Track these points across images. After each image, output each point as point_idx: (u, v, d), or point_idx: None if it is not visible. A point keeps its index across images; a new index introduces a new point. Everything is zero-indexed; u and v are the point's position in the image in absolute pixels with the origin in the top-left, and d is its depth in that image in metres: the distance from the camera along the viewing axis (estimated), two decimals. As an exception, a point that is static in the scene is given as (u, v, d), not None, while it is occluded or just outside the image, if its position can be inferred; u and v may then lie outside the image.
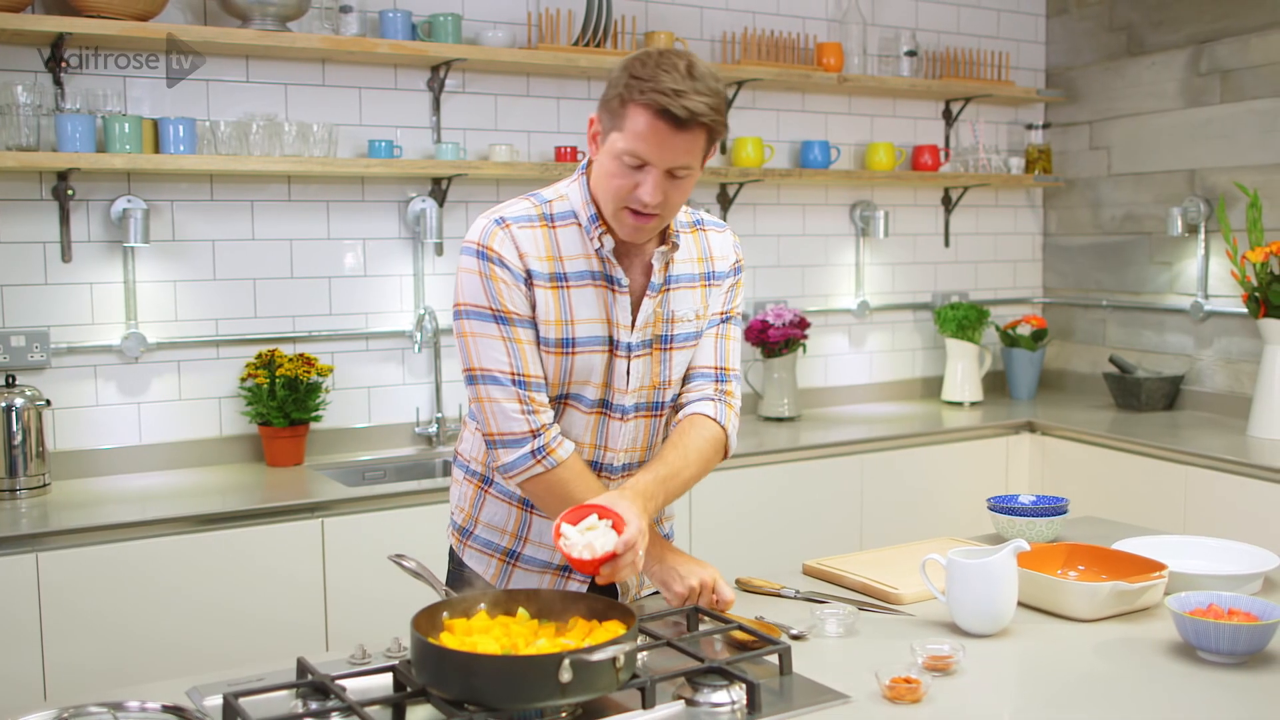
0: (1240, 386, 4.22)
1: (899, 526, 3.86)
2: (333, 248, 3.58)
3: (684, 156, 1.79)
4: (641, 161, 1.79)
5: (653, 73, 1.76)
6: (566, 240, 1.92)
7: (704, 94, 1.76)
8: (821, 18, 4.38)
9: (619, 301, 1.93)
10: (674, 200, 1.85)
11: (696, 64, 1.79)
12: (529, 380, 1.89)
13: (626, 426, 1.98)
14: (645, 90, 1.75)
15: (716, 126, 1.80)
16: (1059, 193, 4.91)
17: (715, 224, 2.09)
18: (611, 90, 1.82)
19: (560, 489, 1.89)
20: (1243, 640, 1.71)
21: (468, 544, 2.10)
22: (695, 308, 2.01)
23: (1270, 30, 4.08)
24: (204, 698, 1.67)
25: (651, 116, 1.75)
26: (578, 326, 1.91)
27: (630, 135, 1.78)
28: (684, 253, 2.00)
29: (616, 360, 1.94)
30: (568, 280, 1.91)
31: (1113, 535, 2.38)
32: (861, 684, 1.66)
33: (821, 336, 4.47)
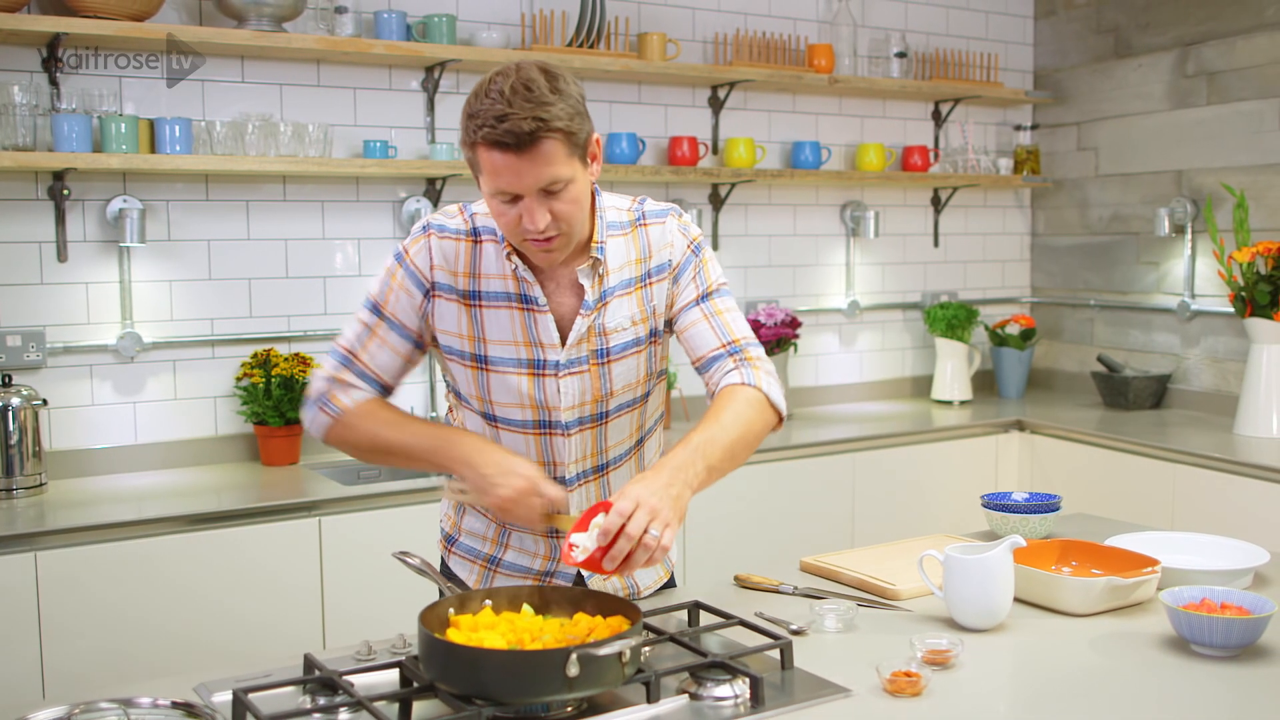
0: (1227, 385, 4.27)
1: (890, 524, 3.89)
2: (328, 247, 3.59)
3: (545, 173, 1.71)
4: (509, 195, 1.74)
5: (482, 105, 1.70)
6: (487, 258, 1.89)
7: (531, 104, 1.67)
8: (812, 19, 4.41)
9: (540, 322, 1.88)
10: (566, 214, 1.77)
11: (532, 76, 1.70)
12: (356, 362, 1.92)
13: (572, 441, 1.94)
14: (478, 129, 1.70)
15: (562, 131, 1.70)
16: (1047, 193, 4.95)
17: (656, 215, 1.97)
18: (462, 137, 1.77)
19: (351, 433, 1.90)
20: (1235, 634, 1.74)
21: (452, 551, 2.11)
22: (633, 313, 1.93)
23: (1256, 33, 4.12)
24: (211, 694, 1.68)
25: (491, 152, 1.70)
26: (490, 346, 1.89)
27: (487, 174, 1.74)
28: (618, 258, 1.92)
29: (545, 380, 1.90)
30: (481, 300, 1.89)
31: (1105, 532, 2.41)
32: (862, 678, 1.69)
33: (812, 336, 4.50)
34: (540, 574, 2.04)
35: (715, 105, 4.20)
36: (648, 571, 2.11)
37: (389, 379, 1.95)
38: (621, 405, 1.97)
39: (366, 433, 1.89)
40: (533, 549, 2.03)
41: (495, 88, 1.70)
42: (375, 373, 1.93)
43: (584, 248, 1.90)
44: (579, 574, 2.03)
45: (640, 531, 1.65)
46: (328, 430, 1.93)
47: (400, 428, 1.88)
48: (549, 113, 1.69)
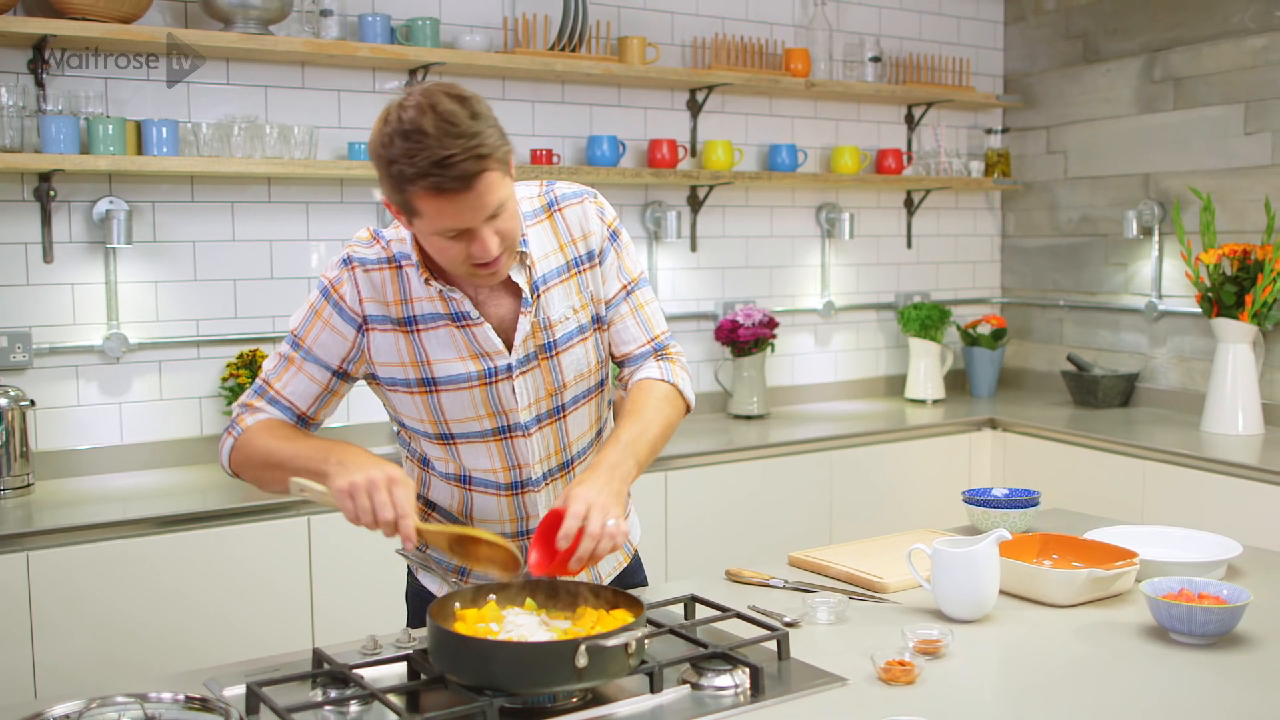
0: (1193, 384, 4.37)
1: (868, 521, 3.96)
2: (312, 249, 3.62)
3: (491, 202, 1.68)
4: (456, 231, 1.70)
5: (410, 149, 1.62)
6: (413, 283, 1.84)
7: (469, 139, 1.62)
8: (789, 24, 4.47)
9: (479, 334, 1.85)
10: (508, 230, 1.74)
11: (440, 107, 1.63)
12: (269, 389, 1.89)
13: (533, 441, 1.93)
14: (414, 178, 1.63)
15: (496, 162, 1.66)
16: (1017, 195, 5.04)
17: (570, 196, 1.94)
18: (383, 181, 1.69)
19: (248, 451, 1.85)
20: (1213, 622, 1.81)
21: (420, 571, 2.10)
22: (571, 303, 1.91)
23: (1221, 40, 4.22)
24: (222, 688, 1.71)
25: (436, 197, 1.65)
26: (436, 366, 1.86)
27: (432, 218, 1.68)
28: (541, 247, 1.90)
29: (499, 385, 1.88)
30: (418, 324, 1.85)
31: (1081, 526, 2.48)
32: (857, 667, 1.75)
33: (788, 336, 4.56)
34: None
35: (694, 108, 4.25)
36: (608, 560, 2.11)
37: (303, 407, 1.90)
38: (577, 397, 1.96)
39: (260, 449, 1.83)
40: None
41: (411, 126, 1.62)
42: (287, 399, 1.89)
43: None
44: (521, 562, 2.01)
45: (599, 529, 1.70)
46: (231, 454, 1.88)
47: (290, 440, 1.82)
48: (485, 145, 1.64)
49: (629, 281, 1.98)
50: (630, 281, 1.98)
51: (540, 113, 3.95)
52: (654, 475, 3.55)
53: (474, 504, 1.98)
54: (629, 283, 1.98)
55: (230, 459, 1.89)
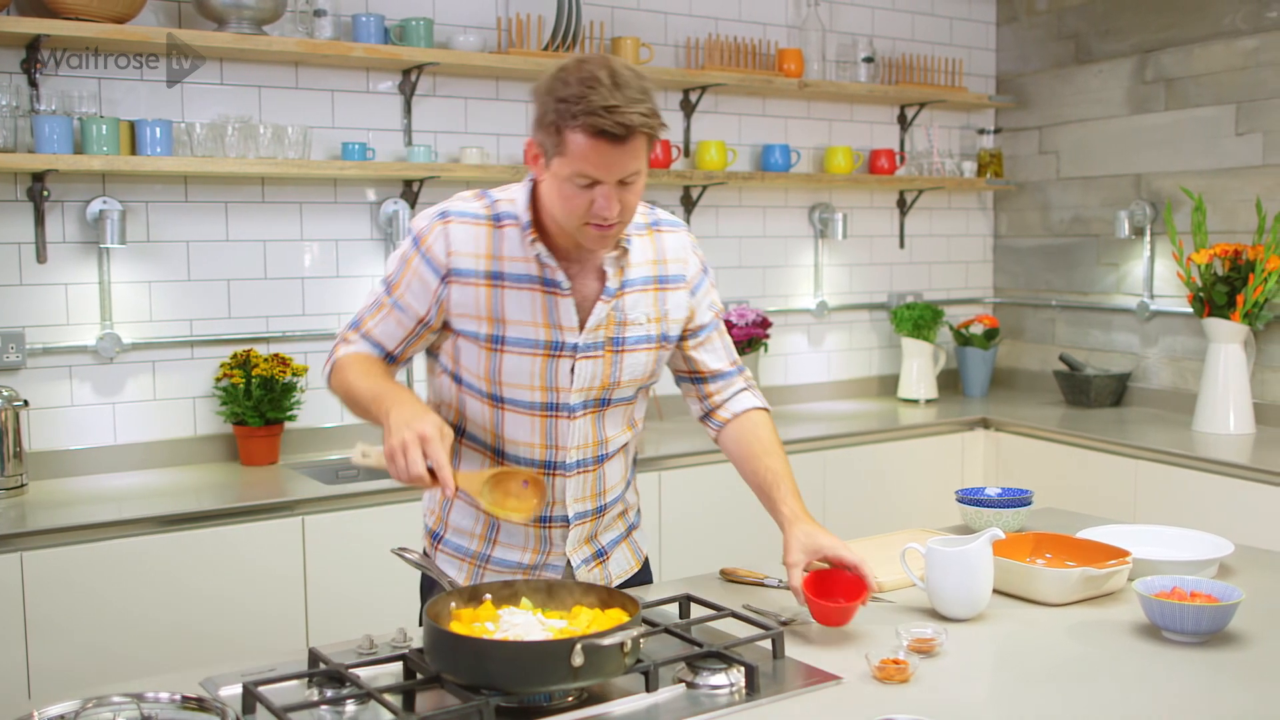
0: (1185, 383, 4.39)
1: (861, 520, 3.96)
2: (306, 249, 3.62)
3: (630, 165, 1.81)
4: (591, 180, 1.80)
5: (582, 93, 1.75)
6: (509, 242, 1.94)
7: (635, 101, 1.76)
8: (782, 24, 4.48)
9: (562, 305, 1.94)
10: (630, 204, 1.87)
11: (618, 70, 1.78)
12: (362, 327, 2.01)
13: (576, 425, 2.00)
14: (578, 114, 1.75)
15: (654, 131, 1.82)
16: (1009, 196, 5.05)
17: (671, 224, 2.09)
18: (544, 116, 1.81)
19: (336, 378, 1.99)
20: (1206, 620, 1.82)
21: (439, 548, 2.13)
22: (648, 311, 2.02)
23: (1213, 40, 4.24)
24: (218, 688, 1.71)
25: (591, 139, 1.76)
26: (509, 326, 1.93)
27: (574, 158, 1.78)
28: (638, 255, 2.01)
29: (561, 361, 1.95)
30: (504, 280, 1.93)
31: (1074, 525, 2.49)
32: (851, 666, 1.75)
33: (782, 336, 4.57)
34: (530, 568, 2.08)
35: (687, 109, 4.26)
36: (620, 561, 2.17)
37: (390, 346, 2.00)
38: (623, 397, 2.05)
39: (343, 380, 1.96)
40: (521, 543, 2.07)
41: (589, 74, 1.76)
42: (377, 339, 2.00)
43: None
44: (568, 565, 2.08)
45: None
46: (330, 378, 2.03)
47: (365, 377, 1.93)
48: (650, 112, 1.79)
49: (718, 310, 2.16)
50: (719, 313, 2.17)
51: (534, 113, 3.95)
52: (648, 475, 3.56)
53: None
54: (719, 311, 2.17)
55: (330, 381, 2.03)
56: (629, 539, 2.20)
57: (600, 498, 2.08)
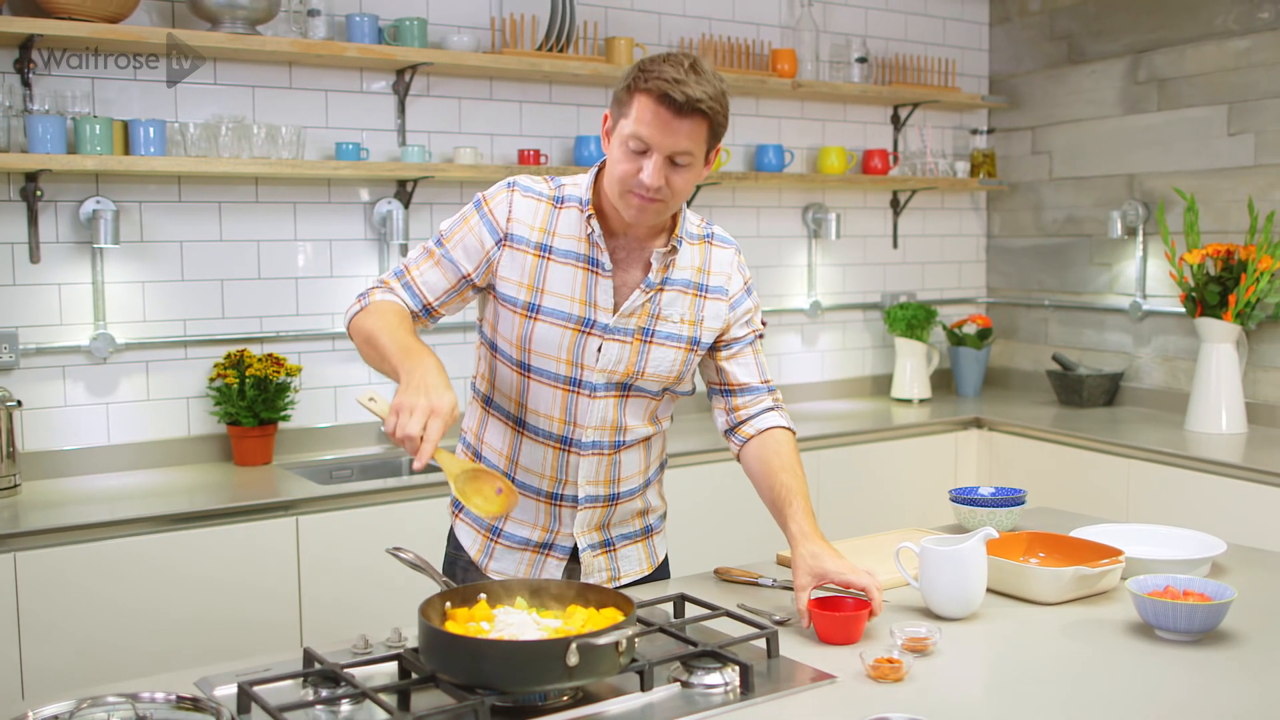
0: (1177, 383, 4.40)
1: (855, 519, 3.97)
2: (299, 249, 3.62)
3: (684, 142, 1.89)
4: (644, 146, 1.89)
5: (658, 66, 1.89)
6: (565, 221, 2.03)
7: (704, 85, 1.87)
8: (775, 25, 4.49)
9: (600, 285, 2.01)
10: (677, 186, 1.93)
11: (700, 62, 1.91)
12: (406, 274, 2.05)
13: (596, 404, 2.05)
14: (649, 79, 1.88)
15: (716, 115, 1.90)
16: (1002, 196, 5.06)
17: (723, 240, 2.17)
18: (621, 84, 1.94)
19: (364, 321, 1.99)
20: (1198, 619, 1.82)
21: (459, 516, 2.20)
22: (684, 313, 2.08)
23: (1204, 41, 4.25)
24: (213, 688, 1.71)
25: (654, 102, 1.87)
26: (546, 296, 2.01)
27: (634, 121, 1.89)
28: (685, 259, 2.08)
29: (589, 339, 2.01)
30: (551, 254, 2.02)
31: (1067, 524, 2.50)
32: (846, 665, 1.76)
33: (775, 336, 4.58)
34: (539, 545, 2.13)
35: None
36: (631, 560, 2.20)
37: (431, 297, 2.04)
38: (646, 389, 2.09)
39: (370, 325, 1.96)
40: (532, 519, 2.12)
41: (674, 58, 1.90)
42: (419, 287, 2.04)
43: (663, 233, 2.07)
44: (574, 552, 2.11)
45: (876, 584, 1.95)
46: (355, 317, 2.02)
47: (391, 330, 1.94)
48: (716, 94, 1.90)
49: (758, 329, 2.21)
50: (758, 329, 2.21)
51: (528, 113, 3.96)
52: (642, 475, 3.55)
53: (522, 450, 2.10)
54: (758, 330, 2.21)
55: (352, 321, 2.03)
56: (646, 541, 2.23)
57: (614, 485, 2.12)
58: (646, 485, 2.19)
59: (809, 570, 1.95)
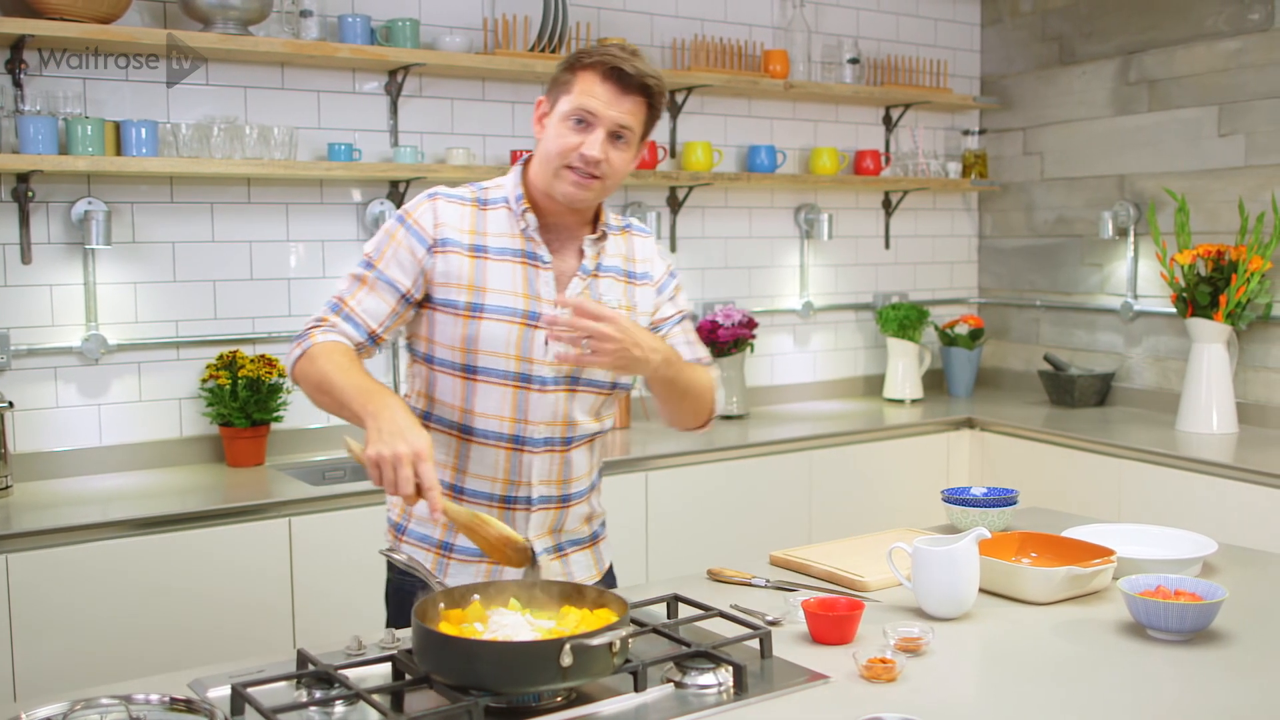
0: (1168, 383, 4.41)
1: (847, 520, 3.98)
2: (292, 249, 3.61)
3: (628, 117, 1.97)
4: (589, 118, 1.96)
5: (600, 47, 2.00)
6: (494, 221, 2.05)
7: (648, 70, 1.98)
8: (767, 25, 4.49)
9: (542, 277, 2.04)
10: (615, 164, 1.99)
11: (640, 51, 2.01)
12: (344, 307, 2.01)
13: (546, 399, 2.04)
14: (594, 55, 1.97)
15: (657, 96, 1.99)
16: (994, 196, 5.07)
17: (641, 229, 2.23)
18: (560, 68, 2.01)
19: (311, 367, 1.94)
20: (1190, 619, 1.83)
21: (403, 539, 2.15)
22: (620, 299, 2.12)
23: (1195, 42, 4.26)
24: (206, 689, 1.71)
25: (602, 75, 1.96)
26: (489, 294, 2.01)
27: (579, 94, 1.96)
28: (613, 248, 2.14)
29: (536, 332, 2.02)
30: (487, 253, 2.03)
31: (1059, 524, 2.50)
32: (839, 665, 1.76)
33: (768, 336, 4.58)
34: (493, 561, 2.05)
35: (673, 109, 4.26)
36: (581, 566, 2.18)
37: (374, 324, 2.01)
38: (594, 381, 2.09)
39: (318, 371, 1.92)
40: None
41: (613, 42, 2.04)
42: (361, 317, 2.01)
43: (588, 224, 2.11)
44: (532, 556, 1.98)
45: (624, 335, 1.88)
46: (296, 363, 1.98)
47: (346, 372, 1.90)
48: (658, 86, 2.00)
49: (683, 311, 2.23)
50: (683, 311, 2.23)
51: (520, 113, 3.96)
52: (634, 475, 3.56)
53: (470, 457, 2.07)
54: (682, 311, 2.23)
55: (294, 368, 2.00)
56: (593, 547, 2.22)
57: (565, 485, 2.11)
58: (592, 488, 2.19)
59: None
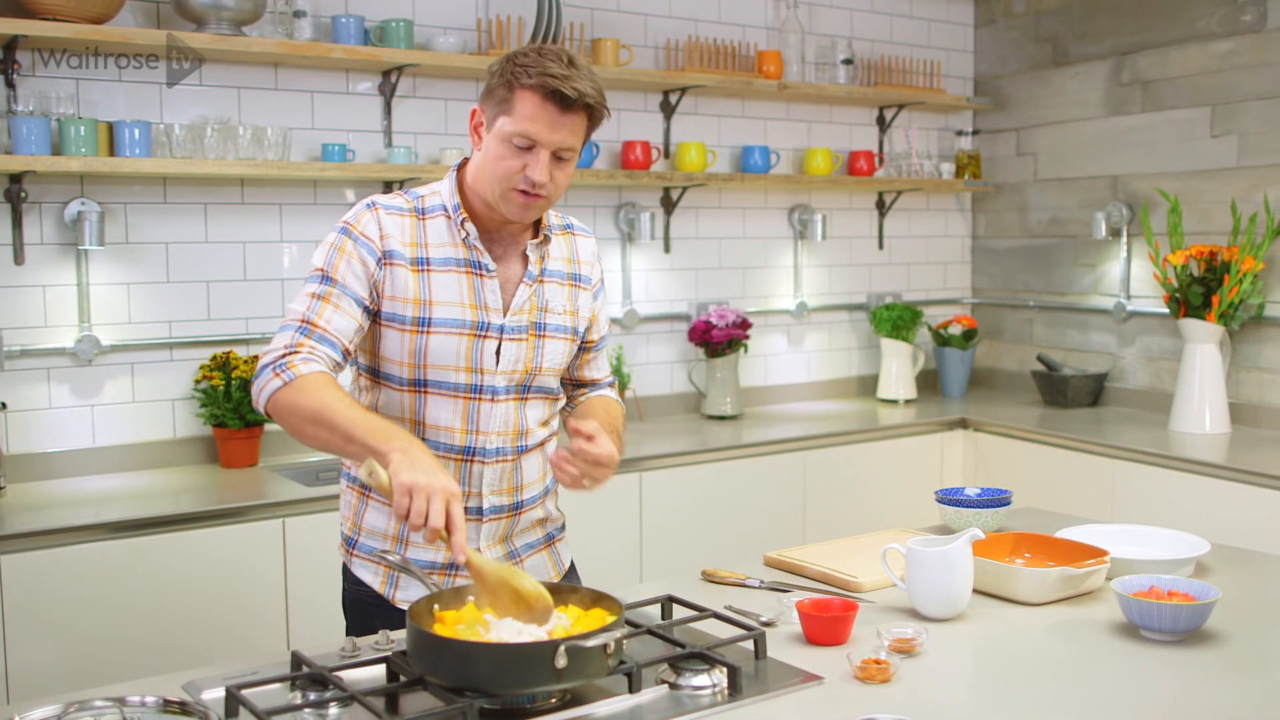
0: (1161, 383, 4.42)
1: (841, 520, 3.98)
2: (285, 250, 3.61)
3: (570, 138, 1.93)
4: (531, 142, 1.91)
5: (537, 61, 1.90)
6: (434, 231, 2.00)
7: (586, 79, 1.91)
8: (761, 26, 4.50)
9: (488, 286, 2.00)
10: (559, 181, 1.96)
11: (575, 56, 1.93)
12: (315, 329, 1.90)
13: (498, 409, 2.03)
14: (534, 74, 1.89)
15: (598, 109, 1.95)
16: (987, 197, 5.08)
17: (583, 229, 2.20)
18: (496, 80, 1.94)
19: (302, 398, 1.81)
20: (1183, 619, 1.84)
21: (354, 554, 2.11)
22: (565, 304, 2.10)
23: (1187, 43, 4.27)
24: (200, 691, 1.71)
25: (541, 99, 1.89)
26: (435, 308, 1.97)
27: (519, 118, 1.90)
28: (556, 251, 2.11)
29: (486, 342, 2.00)
30: (430, 265, 1.98)
31: (1052, 525, 2.51)
32: (833, 666, 1.76)
33: (761, 337, 4.59)
34: (445, 566, 2.06)
35: (667, 110, 4.26)
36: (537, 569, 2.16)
37: (347, 343, 1.93)
38: (543, 388, 2.10)
39: (315, 400, 1.81)
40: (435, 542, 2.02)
41: (550, 52, 1.91)
42: (334, 336, 1.91)
43: (529, 226, 2.08)
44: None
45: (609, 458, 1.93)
46: (277, 394, 1.84)
47: (352, 407, 1.81)
48: (598, 99, 1.94)
49: (606, 331, 2.26)
50: (607, 331, 2.27)
51: (514, 114, 3.95)
52: (628, 476, 3.56)
53: None
54: (606, 332, 2.26)
55: (273, 398, 1.84)
56: (549, 548, 2.20)
57: (517, 493, 2.09)
58: (545, 493, 2.16)
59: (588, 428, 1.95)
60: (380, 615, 2.07)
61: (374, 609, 2.09)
